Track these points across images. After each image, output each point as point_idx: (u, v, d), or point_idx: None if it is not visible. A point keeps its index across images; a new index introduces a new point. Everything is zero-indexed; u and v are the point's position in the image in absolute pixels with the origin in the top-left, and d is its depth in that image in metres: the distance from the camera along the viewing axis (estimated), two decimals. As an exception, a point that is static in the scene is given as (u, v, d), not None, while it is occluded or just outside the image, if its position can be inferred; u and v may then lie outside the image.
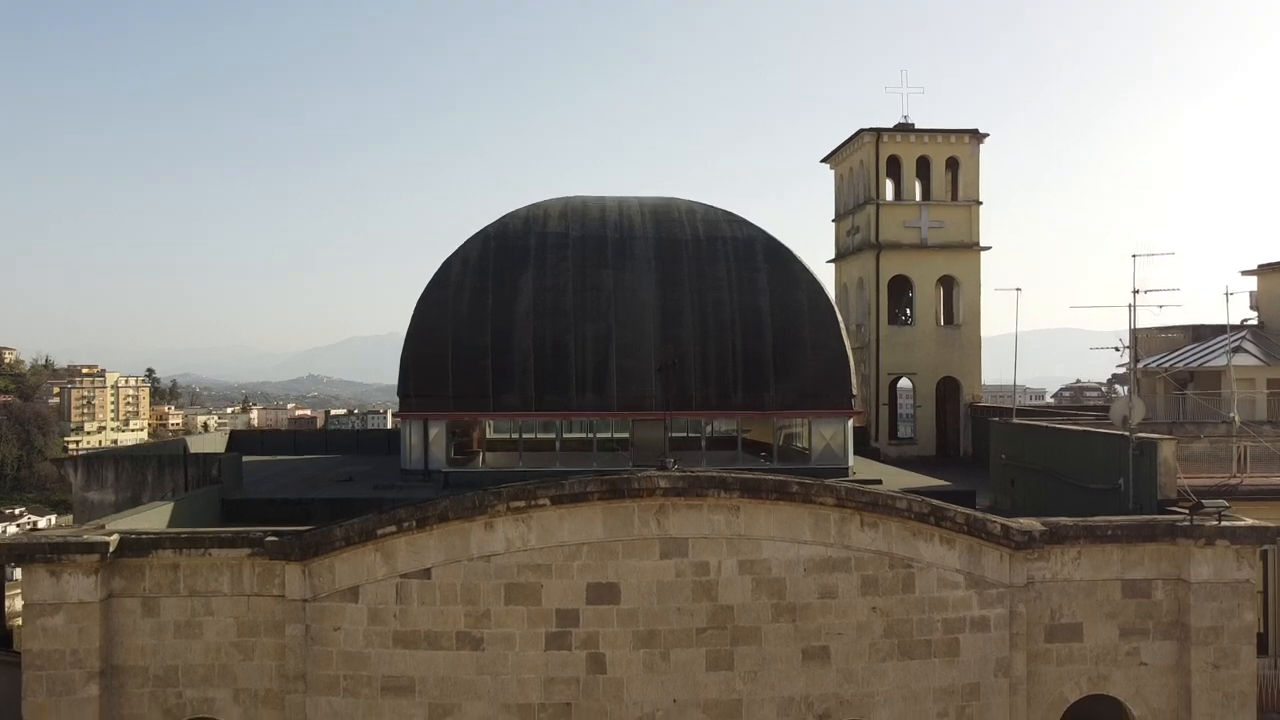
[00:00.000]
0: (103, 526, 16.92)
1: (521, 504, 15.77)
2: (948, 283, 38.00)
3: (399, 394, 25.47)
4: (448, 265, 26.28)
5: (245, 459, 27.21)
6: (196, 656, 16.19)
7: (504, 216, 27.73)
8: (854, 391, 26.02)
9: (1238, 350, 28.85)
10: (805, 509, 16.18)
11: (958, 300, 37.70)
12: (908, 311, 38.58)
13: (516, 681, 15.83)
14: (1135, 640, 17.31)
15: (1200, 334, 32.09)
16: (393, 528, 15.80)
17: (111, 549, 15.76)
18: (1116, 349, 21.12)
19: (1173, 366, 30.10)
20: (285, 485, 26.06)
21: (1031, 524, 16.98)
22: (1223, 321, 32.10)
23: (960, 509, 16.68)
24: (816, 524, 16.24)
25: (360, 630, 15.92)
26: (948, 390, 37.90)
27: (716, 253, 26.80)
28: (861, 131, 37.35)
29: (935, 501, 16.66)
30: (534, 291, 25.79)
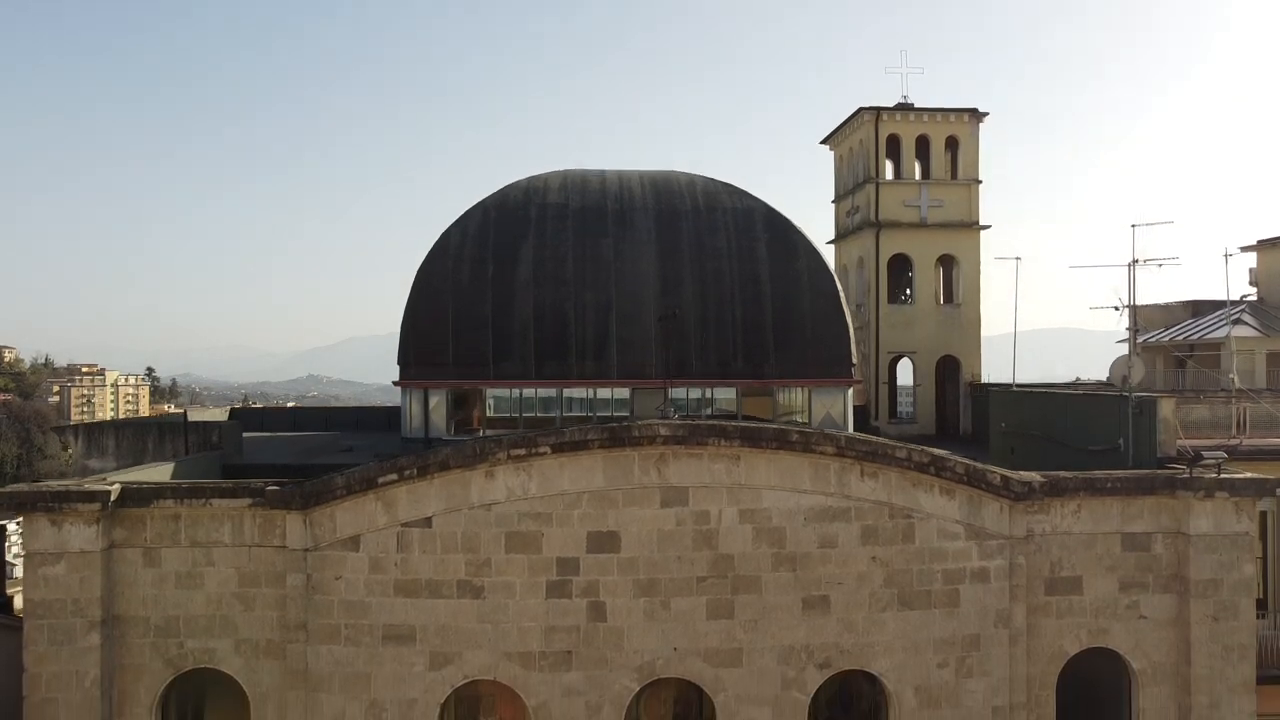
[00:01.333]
0: (105, 479, 16.96)
1: (522, 452, 15.80)
2: (947, 262, 38.00)
3: (399, 363, 25.50)
4: (447, 235, 26.32)
5: (246, 435, 27.23)
6: (198, 607, 16.21)
7: (504, 188, 27.78)
8: (853, 361, 26.06)
9: (1237, 323, 28.87)
10: (805, 458, 16.21)
11: (957, 279, 37.70)
12: (907, 292, 38.59)
13: (517, 630, 15.86)
14: (1135, 593, 17.34)
15: (1199, 309, 32.11)
16: (394, 476, 15.83)
17: (113, 498, 15.79)
18: (1116, 308, 21.16)
19: (1172, 340, 30.13)
20: (286, 454, 26.09)
21: (1031, 476, 17.02)
22: (1221, 298, 32.11)
23: (960, 459, 16.72)
24: (816, 473, 16.27)
25: (361, 579, 15.94)
26: (947, 369, 37.90)
27: (716, 223, 26.84)
28: (861, 110, 37.38)
29: (935, 451, 16.71)
30: (534, 261, 25.82)
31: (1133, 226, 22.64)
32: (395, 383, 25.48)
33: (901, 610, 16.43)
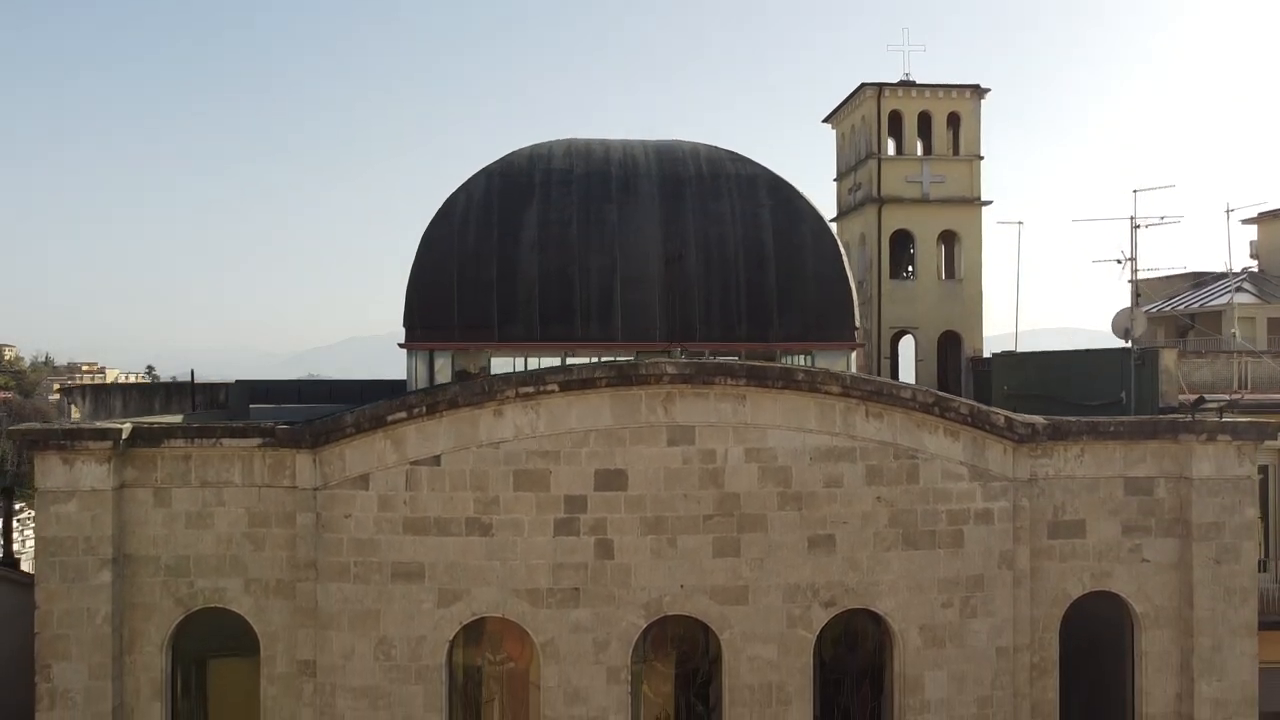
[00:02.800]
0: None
1: (530, 390, 15.94)
2: (949, 239, 38.14)
3: (404, 325, 25.57)
4: (452, 200, 26.43)
5: (251, 406, 27.34)
6: (208, 547, 16.35)
7: (508, 155, 27.90)
8: (856, 325, 26.18)
9: (1238, 290, 29.02)
10: (811, 398, 16.35)
11: (959, 255, 37.82)
12: (909, 269, 38.74)
13: (525, 567, 15.98)
14: (1137, 537, 17.47)
15: (1201, 281, 32.23)
16: (403, 414, 15.96)
17: (124, 437, 15.92)
18: (1118, 261, 21.31)
19: (1174, 309, 30.28)
20: (292, 417, 26.19)
21: (1034, 419, 17.17)
22: (1221, 269, 32.23)
23: (964, 400, 16.85)
24: (822, 413, 16.41)
25: (370, 517, 16.07)
26: (949, 345, 38.03)
27: (720, 189, 26.95)
28: (864, 86, 37.50)
29: (939, 392, 16.85)
30: (538, 225, 25.91)
31: (1134, 191, 22.79)
32: (400, 345, 25.59)
33: (906, 550, 16.56)
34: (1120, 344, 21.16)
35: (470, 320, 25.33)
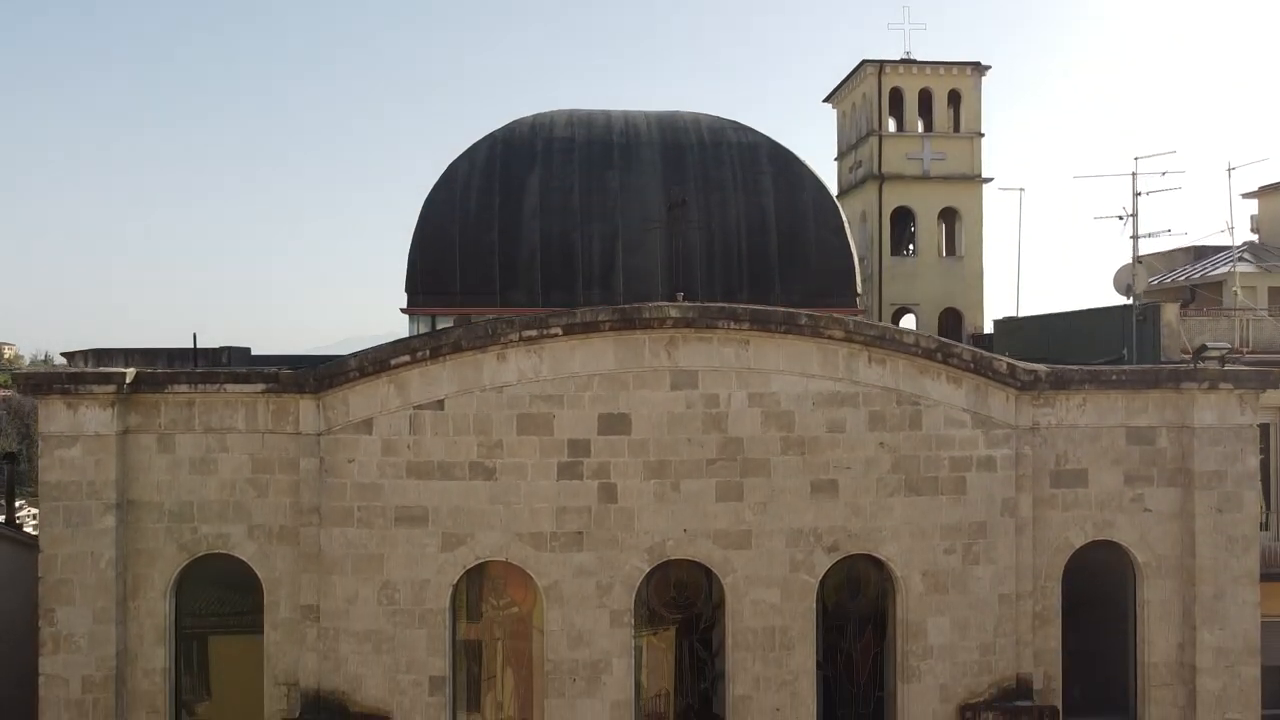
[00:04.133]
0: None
1: (534, 333, 15.96)
2: (950, 216, 38.20)
3: (406, 290, 25.65)
4: (454, 167, 26.52)
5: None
6: (211, 493, 16.35)
7: (510, 123, 27.97)
8: (858, 291, 26.24)
9: (1239, 260, 29.03)
10: (813, 343, 16.37)
11: (960, 232, 37.90)
12: (910, 247, 38.80)
13: (529, 511, 16.00)
14: (1140, 487, 17.49)
15: (1202, 253, 32.27)
16: (406, 357, 15.98)
17: (128, 381, 15.93)
18: (1119, 218, 21.34)
19: (1175, 282, 30.30)
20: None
21: (1037, 366, 17.19)
22: (1220, 243, 32.26)
23: (967, 347, 16.89)
24: (825, 358, 16.43)
25: (374, 462, 16.09)
26: (950, 323, 38.07)
27: (722, 156, 27.04)
28: (864, 63, 37.61)
29: (942, 339, 16.88)
30: (540, 191, 25.99)
31: (1135, 159, 22.87)
32: (403, 310, 25.63)
33: (909, 496, 16.59)
34: (1122, 302, 21.19)
35: (472, 285, 25.39)
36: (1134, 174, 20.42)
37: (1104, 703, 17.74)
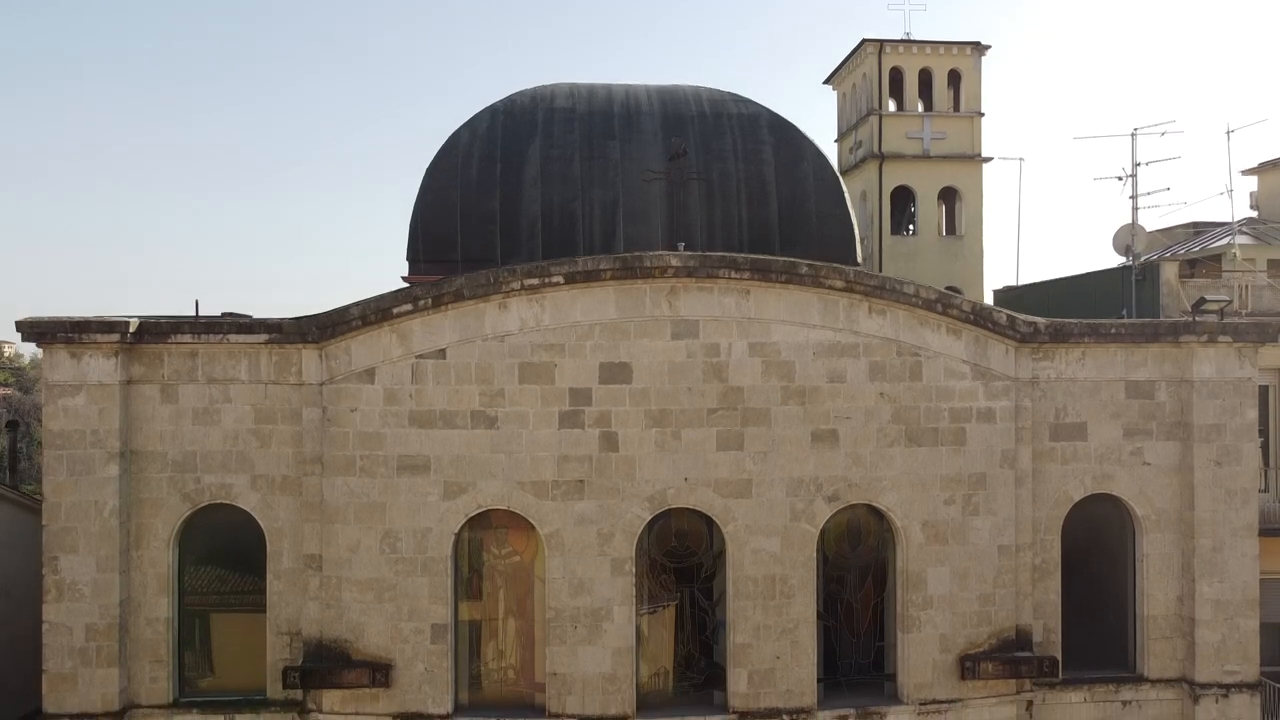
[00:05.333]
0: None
1: (535, 282, 16.02)
2: (950, 196, 38.29)
3: (408, 258, 25.69)
4: (456, 136, 26.58)
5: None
6: (214, 443, 16.41)
7: (511, 95, 28.02)
8: (859, 260, 26.28)
9: (1239, 234, 29.10)
10: (814, 293, 16.44)
11: (960, 212, 38.00)
12: (910, 226, 38.89)
13: (530, 459, 16.07)
14: (1139, 440, 17.56)
15: (1201, 229, 32.34)
16: (408, 306, 16.05)
17: (131, 330, 15.99)
18: (1119, 178, 21.42)
19: (1174, 256, 30.35)
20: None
21: (1036, 319, 17.25)
22: (1219, 219, 32.32)
23: (966, 298, 16.96)
24: (825, 309, 16.50)
25: (376, 411, 16.15)
26: (950, 302, 38.14)
27: (722, 127, 27.09)
28: (865, 42, 37.70)
29: (941, 289, 16.95)
30: (541, 161, 26.05)
31: (1133, 131, 22.94)
32: (404, 278, 25.69)
33: (909, 447, 16.65)
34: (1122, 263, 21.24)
35: (473, 253, 25.43)
36: (1133, 134, 20.52)
37: (1103, 655, 17.80)
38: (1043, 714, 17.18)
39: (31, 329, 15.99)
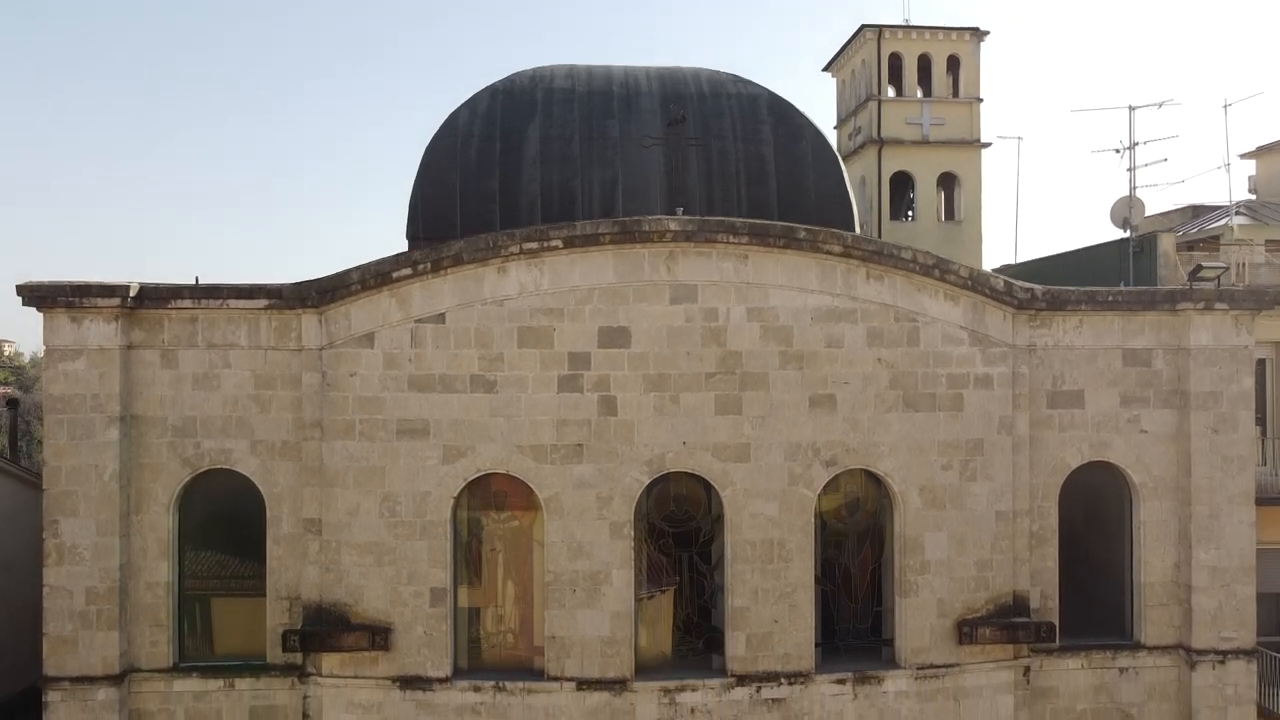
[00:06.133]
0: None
1: (535, 246, 16.09)
2: (949, 181, 38.35)
3: (407, 236, 25.71)
4: (455, 115, 26.62)
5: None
6: (214, 409, 16.46)
7: (510, 75, 28.01)
8: (857, 239, 26.32)
9: (1236, 214, 29.17)
10: (812, 258, 16.51)
11: (959, 197, 38.06)
12: (910, 212, 38.95)
13: (529, 423, 16.13)
14: (1136, 408, 17.61)
15: (1199, 212, 32.42)
16: (408, 270, 16.11)
17: (132, 294, 16.05)
18: (1117, 151, 21.49)
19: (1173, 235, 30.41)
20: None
21: (1033, 285, 17.31)
22: (1218, 203, 32.39)
23: (964, 264, 17.03)
24: (823, 274, 16.56)
25: (376, 375, 16.21)
26: (949, 287, 38.20)
27: (721, 108, 27.13)
28: (864, 28, 37.79)
29: (939, 255, 17.01)
30: (541, 140, 26.07)
31: (1131, 104, 23.01)
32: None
33: (906, 412, 16.71)
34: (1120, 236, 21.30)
35: (473, 231, 25.23)
36: (1130, 107, 20.58)
37: (1100, 623, 17.86)
38: (1040, 681, 17.24)
39: (32, 292, 16.02)
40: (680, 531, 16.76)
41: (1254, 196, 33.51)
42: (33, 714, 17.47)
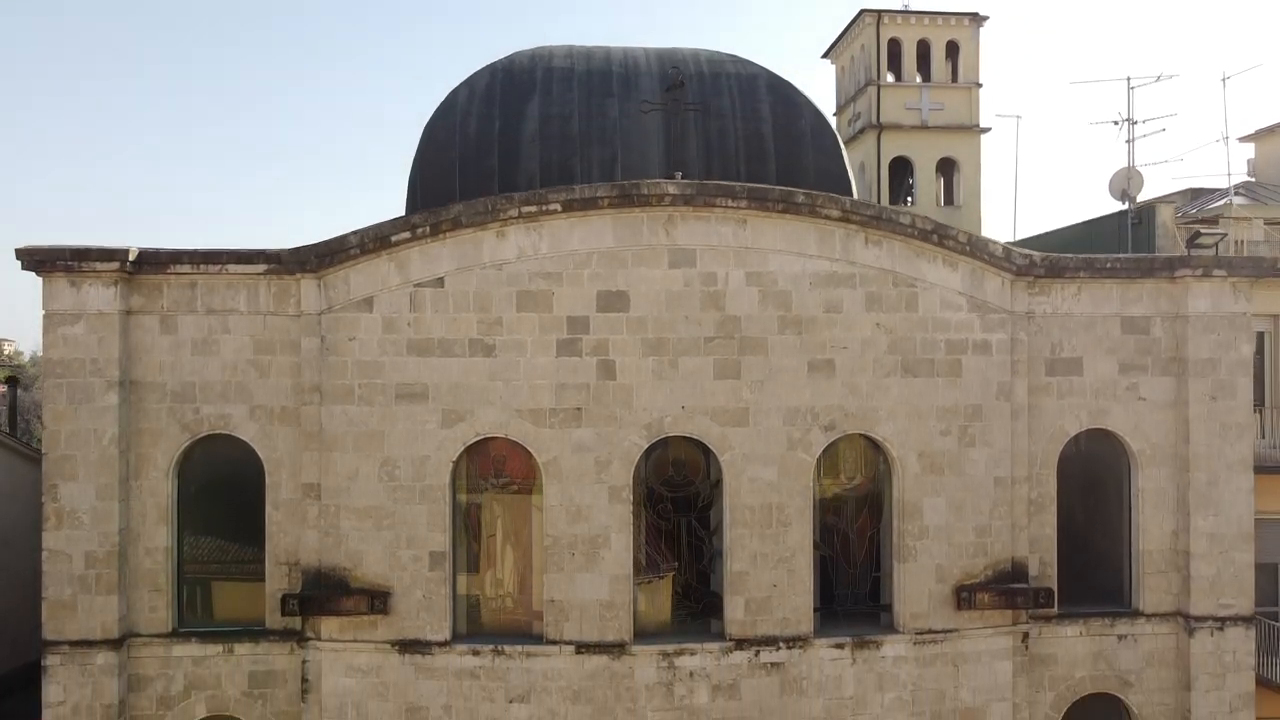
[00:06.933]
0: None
1: (533, 209, 16.11)
2: (948, 167, 38.41)
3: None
4: (455, 94, 26.63)
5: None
6: (213, 374, 16.47)
7: (510, 55, 28.07)
8: (856, 218, 26.33)
9: (1235, 194, 29.20)
10: (810, 223, 16.52)
11: (958, 183, 38.12)
12: (909, 197, 38.99)
13: (528, 387, 16.14)
14: (1134, 376, 17.62)
15: (1197, 194, 32.44)
16: (406, 234, 16.12)
17: (131, 259, 16.06)
18: (1115, 123, 21.51)
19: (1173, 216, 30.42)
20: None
21: (1032, 252, 17.33)
22: (1217, 186, 32.43)
23: (962, 230, 17.04)
24: (822, 238, 16.58)
25: (375, 339, 16.22)
26: (948, 273, 38.23)
27: (720, 86, 27.11)
28: (863, 12, 37.86)
29: (938, 221, 17.03)
30: (540, 118, 26.05)
31: (1128, 79, 23.01)
32: (403, 234, 25.73)
33: (905, 377, 16.72)
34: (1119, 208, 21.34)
35: (472, 209, 25.50)
36: (1129, 79, 20.59)
37: (1099, 590, 17.88)
38: (1038, 648, 17.25)
39: (31, 256, 16.03)
40: (679, 496, 16.77)
41: (1253, 179, 33.54)
42: (33, 689, 17.48)
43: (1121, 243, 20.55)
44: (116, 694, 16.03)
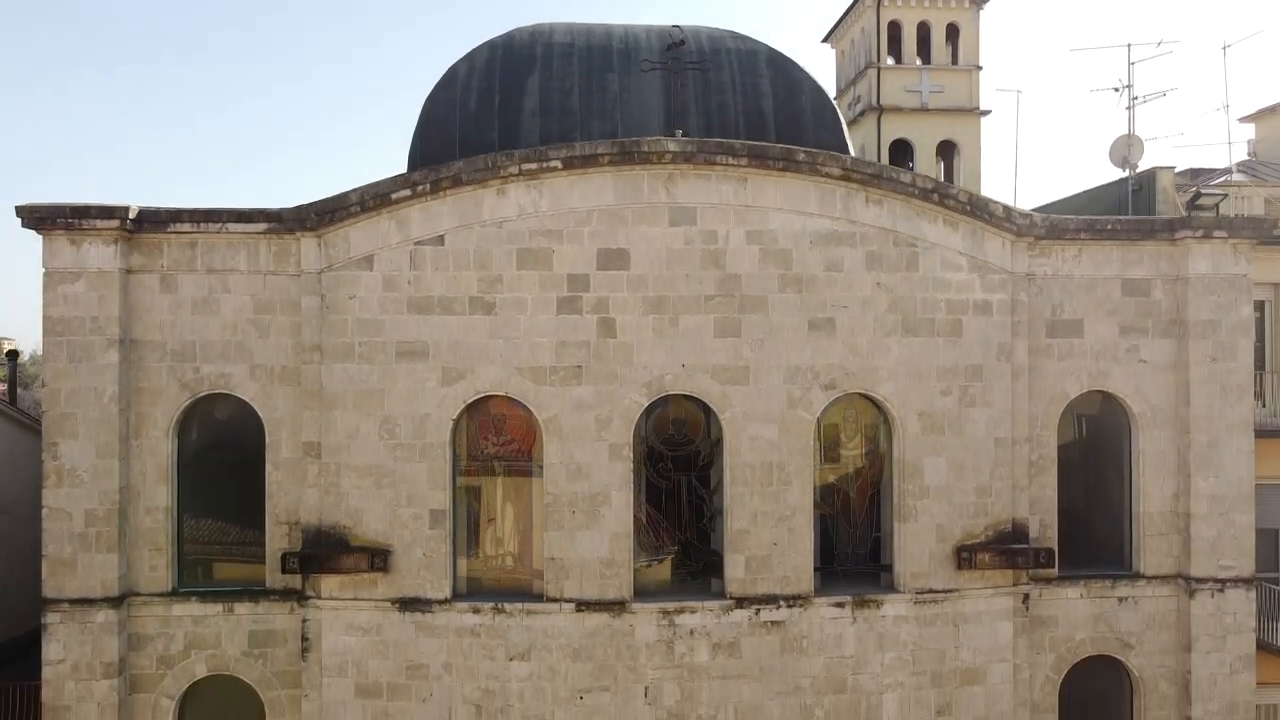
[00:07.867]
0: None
1: (534, 166, 16.11)
2: (948, 150, 38.37)
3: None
4: (454, 69, 26.54)
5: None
6: (213, 333, 16.47)
7: (510, 30, 28.00)
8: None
9: (1235, 173, 29.19)
10: (811, 181, 16.52)
11: (959, 167, 38.06)
12: (908, 181, 38.94)
13: (529, 345, 16.14)
14: (1135, 338, 17.61)
15: (1198, 174, 32.42)
16: (407, 192, 16.12)
17: (131, 216, 16.06)
18: (1115, 89, 21.52)
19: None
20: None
21: (1033, 212, 17.32)
22: (1217, 166, 32.42)
23: (963, 189, 17.03)
24: (822, 197, 16.58)
25: (375, 297, 16.22)
26: (948, 256, 38.22)
27: (721, 62, 27.06)
28: (863, -6, 37.76)
29: (939, 180, 17.02)
30: (540, 93, 26.00)
31: (1128, 44, 23.00)
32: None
33: (905, 337, 16.72)
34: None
35: (472, 183, 25.49)
36: (1129, 45, 20.60)
37: (1100, 552, 17.86)
38: (1039, 609, 17.24)
39: (31, 214, 16.02)
40: (679, 455, 16.76)
41: (1254, 159, 33.53)
42: (34, 656, 17.45)
43: (1122, 210, 20.53)
44: (116, 652, 16.03)
